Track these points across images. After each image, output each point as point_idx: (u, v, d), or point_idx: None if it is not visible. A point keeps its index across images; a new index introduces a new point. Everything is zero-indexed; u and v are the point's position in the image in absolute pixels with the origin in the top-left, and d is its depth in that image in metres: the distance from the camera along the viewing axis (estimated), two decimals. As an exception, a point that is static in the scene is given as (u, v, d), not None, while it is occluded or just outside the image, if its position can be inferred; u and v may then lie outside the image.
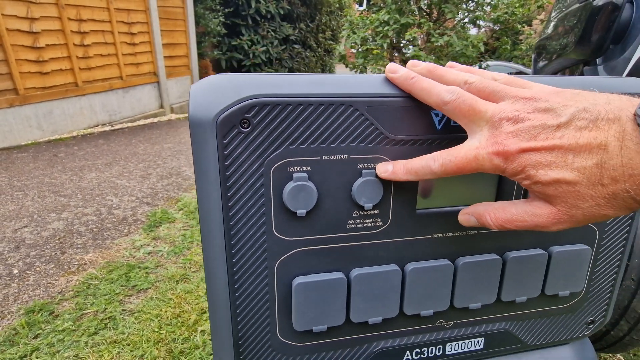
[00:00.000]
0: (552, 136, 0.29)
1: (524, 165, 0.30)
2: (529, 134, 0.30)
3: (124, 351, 1.18)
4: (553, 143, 0.29)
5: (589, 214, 0.30)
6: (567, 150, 0.28)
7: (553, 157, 0.29)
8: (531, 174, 0.30)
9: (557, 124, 0.29)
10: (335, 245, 0.42)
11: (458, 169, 0.33)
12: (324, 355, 0.48)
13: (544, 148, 0.29)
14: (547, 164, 0.29)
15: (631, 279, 0.74)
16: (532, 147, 0.29)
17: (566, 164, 0.28)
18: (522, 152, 0.30)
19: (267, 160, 0.38)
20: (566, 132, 0.29)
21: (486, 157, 0.31)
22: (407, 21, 5.98)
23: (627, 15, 1.18)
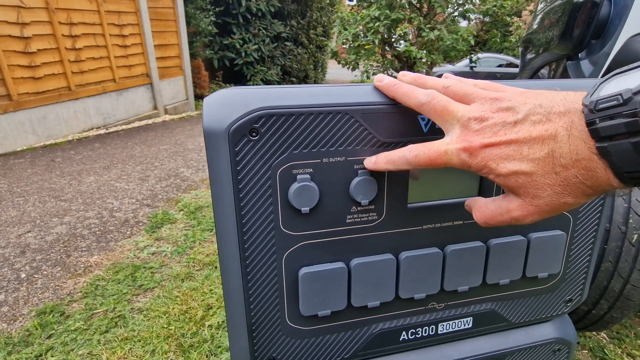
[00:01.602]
0: (510, 131, 0.31)
1: (486, 160, 0.32)
2: (491, 130, 0.32)
3: (135, 347, 1.23)
4: (510, 137, 0.31)
5: (552, 203, 0.31)
6: (522, 142, 0.31)
7: (510, 151, 0.31)
8: (492, 167, 0.32)
9: (514, 120, 0.32)
10: (336, 238, 0.47)
11: (430, 160, 0.36)
12: (329, 337, 0.52)
13: (503, 142, 0.31)
14: (505, 157, 0.31)
15: (609, 262, 0.80)
16: (492, 142, 0.32)
17: (522, 155, 0.31)
18: (484, 148, 0.32)
19: (274, 164, 0.42)
20: (522, 127, 0.31)
21: (454, 152, 0.34)
22: (398, 16, 6.00)
23: (606, 11, 1.23)
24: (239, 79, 8.09)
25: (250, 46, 7.58)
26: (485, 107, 0.34)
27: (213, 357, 1.20)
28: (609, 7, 1.23)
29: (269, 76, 8.05)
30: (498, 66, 9.65)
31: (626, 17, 1.15)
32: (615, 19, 1.20)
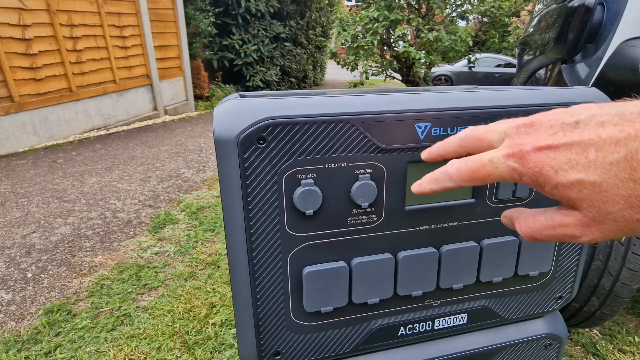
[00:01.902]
0: (571, 132, 0.26)
1: (541, 166, 0.26)
2: (546, 132, 0.27)
3: (141, 344, 1.26)
4: (571, 139, 0.26)
5: (623, 220, 0.25)
6: (587, 144, 0.25)
7: (572, 154, 0.25)
8: (549, 176, 0.26)
9: (575, 120, 0.27)
10: (338, 238, 0.49)
11: (472, 172, 0.31)
12: (331, 333, 0.55)
13: (562, 145, 0.26)
14: (566, 162, 0.26)
15: (599, 260, 0.83)
16: (549, 144, 0.26)
17: (588, 160, 0.25)
18: (539, 151, 0.27)
19: (280, 170, 0.45)
20: (587, 128, 0.26)
21: (501, 160, 0.29)
22: (397, 17, 6.02)
23: (599, 16, 1.26)
24: (238, 80, 8.11)
25: (249, 47, 7.60)
26: (533, 117, 0.29)
27: (217, 354, 1.23)
28: (602, 12, 1.26)
29: (268, 76, 8.07)
30: (496, 66, 9.67)
31: (618, 22, 1.18)
32: (608, 24, 1.23)
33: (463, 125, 0.49)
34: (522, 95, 0.52)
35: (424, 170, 0.50)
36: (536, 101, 0.51)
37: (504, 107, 0.50)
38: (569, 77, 1.37)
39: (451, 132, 0.49)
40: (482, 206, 0.54)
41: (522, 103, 0.51)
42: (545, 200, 0.56)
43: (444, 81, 10.18)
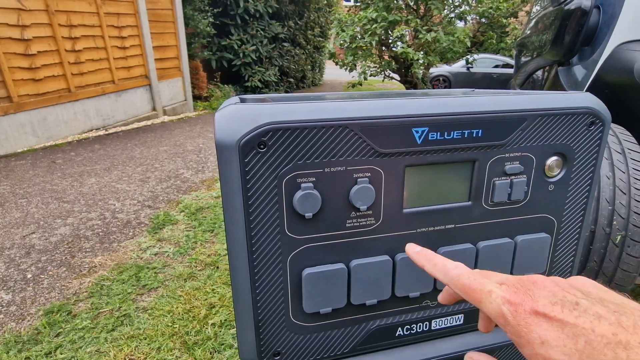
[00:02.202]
0: (569, 312, 0.26)
1: (531, 330, 0.27)
2: (546, 299, 0.27)
3: (141, 344, 1.26)
4: (568, 319, 0.26)
5: None
6: (580, 332, 0.25)
7: (563, 335, 0.25)
8: (534, 344, 0.27)
9: (576, 301, 0.27)
10: (337, 241, 0.50)
11: (468, 289, 0.32)
12: (330, 333, 0.56)
13: (558, 320, 0.26)
14: (555, 339, 0.26)
15: (594, 261, 0.84)
16: (547, 313, 0.27)
17: (575, 349, 0.25)
18: (534, 314, 0.27)
19: (280, 174, 0.46)
20: (585, 314, 0.26)
21: (498, 298, 0.29)
22: (395, 18, 6.03)
23: (595, 20, 1.28)
24: (237, 80, 8.11)
25: (248, 47, 7.60)
26: (535, 277, 0.30)
27: (217, 354, 1.23)
28: (598, 15, 1.28)
29: (267, 77, 8.07)
30: (494, 67, 9.69)
31: (614, 26, 1.19)
32: (604, 27, 1.24)
33: (460, 130, 0.50)
34: (518, 101, 0.53)
35: (422, 174, 0.51)
36: (532, 106, 0.52)
37: (500, 112, 0.51)
38: (566, 80, 1.39)
39: (448, 136, 0.50)
40: (479, 209, 0.55)
41: (518, 108, 0.52)
42: (538, 205, 0.57)
43: (442, 82, 10.20)
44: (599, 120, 0.54)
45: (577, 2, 1.29)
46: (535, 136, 0.53)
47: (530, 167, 0.55)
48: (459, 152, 0.51)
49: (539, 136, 0.53)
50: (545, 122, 0.53)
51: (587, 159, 0.56)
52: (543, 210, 0.58)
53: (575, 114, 0.53)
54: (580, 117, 0.54)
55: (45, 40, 4.18)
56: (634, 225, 0.80)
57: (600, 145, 0.56)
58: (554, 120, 0.53)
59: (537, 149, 0.54)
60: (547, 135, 0.53)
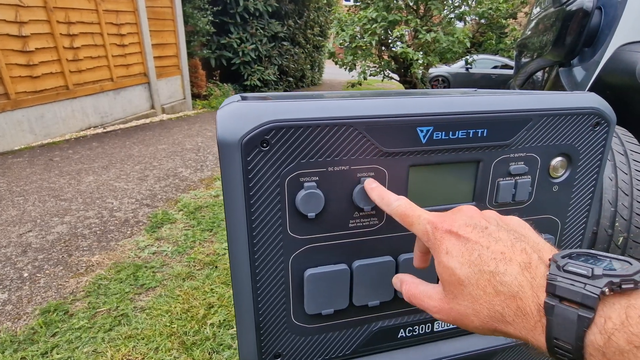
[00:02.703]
0: (475, 232, 0.32)
1: (441, 242, 0.33)
2: (462, 221, 0.33)
3: (139, 345, 1.25)
4: (471, 237, 0.31)
5: (463, 314, 0.31)
6: (476, 246, 0.30)
7: (463, 248, 0.31)
8: (441, 254, 0.32)
9: (485, 226, 0.32)
10: (339, 241, 0.50)
11: (404, 214, 0.39)
12: (331, 335, 0.55)
13: (463, 237, 0.32)
14: (456, 250, 0.31)
15: (596, 263, 0.84)
16: (456, 232, 0.32)
17: (469, 259, 0.30)
18: (447, 232, 0.33)
19: (283, 172, 0.45)
20: (486, 234, 0.31)
21: (423, 221, 0.36)
22: (395, 18, 6.04)
23: (596, 21, 1.28)
24: (236, 79, 8.09)
25: (247, 46, 7.59)
26: (463, 207, 0.37)
27: (215, 355, 1.23)
28: (600, 16, 1.27)
29: (266, 76, 8.06)
30: (493, 68, 9.71)
31: (615, 27, 1.19)
32: (606, 29, 1.24)
33: (464, 129, 0.49)
34: (524, 100, 0.53)
35: (426, 174, 0.51)
36: (537, 106, 0.52)
37: (505, 112, 0.51)
38: (567, 81, 1.39)
39: (453, 136, 0.49)
40: (483, 209, 0.54)
41: (523, 108, 0.51)
42: (543, 206, 0.57)
43: (441, 82, 10.21)
44: (604, 121, 0.54)
45: (579, 3, 1.29)
46: (540, 136, 0.53)
47: (535, 168, 0.54)
48: (463, 152, 0.50)
49: (544, 136, 0.53)
50: (550, 122, 0.52)
51: (592, 160, 0.56)
52: (547, 211, 0.57)
53: (580, 114, 0.53)
54: (586, 117, 0.53)
55: (43, 37, 4.15)
56: (636, 227, 0.80)
57: (605, 145, 0.56)
58: (559, 120, 0.52)
59: (542, 149, 0.53)
60: (552, 135, 0.53)
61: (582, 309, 0.25)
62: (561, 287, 0.26)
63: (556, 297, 0.26)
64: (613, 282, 0.24)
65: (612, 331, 0.23)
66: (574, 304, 0.25)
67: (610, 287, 0.24)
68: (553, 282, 0.26)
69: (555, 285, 0.26)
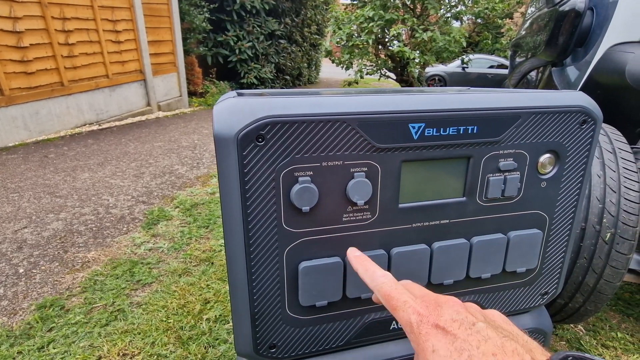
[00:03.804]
0: (463, 330, 0.30)
1: (427, 339, 0.31)
2: (449, 315, 0.31)
3: (135, 339, 1.26)
4: (459, 335, 0.29)
5: None
6: (466, 346, 0.29)
7: (452, 347, 0.29)
8: (427, 351, 0.30)
9: (473, 322, 0.31)
10: (333, 235, 0.51)
11: (388, 297, 0.36)
12: (325, 326, 0.56)
13: (451, 334, 0.30)
14: (444, 349, 0.29)
15: (584, 258, 0.86)
16: (444, 327, 0.30)
17: None
18: (434, 327, 0.31)
19: (278, 167, 0.46)
20: (475, 333, 0.29)
21: (410, 310, 0.33)
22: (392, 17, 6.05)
23: (588, 21, 1.30)
24: (232, 77, 8.07)
25: (244, 43, 7.56)
26: (448, 299, 0.34)
27: (211, 349, 1.24)
28: (592, 17, 1.29)
29: (263, 74, 8.04)
30: (489, 67, 9.75)
31: (607, 27, 1.21)
32: (597, 29, 1.26)
33: (455, 126, 0.51)
34: (513, 98, 0.54)
35: (418, 169, 0.52)
36: (526, 104, 0.53)
37: (495, 109, 0.52)
38: (559, 80, 1.41)
39: (444, 132, 0.51)
40: (473, 205, 0.56)
41: (512, 105, 0.53)
42: (531, 201, 0.58)
43: (438, 81, 10.24)
44: (590, 119, 0.55)
45: (571, 3, 1.31)
46: (528, 133, 0.54)
47: (524, 164, 0.56)
48: (454, 148, 0.52)
49: (532, 133, 0.54)
50: (538, 120, 0.54)
51: (579, 157, 0.57)
52: (535, 207, 0.59)
53: (567, 112, 0.54)
54: (573, 115, 0.55)
55: (37, 33, 4.12)
56: (623, 223, 0.82)
57: (591, 143, 0.57)
58: (547, 118, 0.54)
59: (531, 146, 0.55)
60: (540, 132, 0.54)
61: None
62: None
63: None
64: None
65: None
66: None
67: None
68: None
69: None
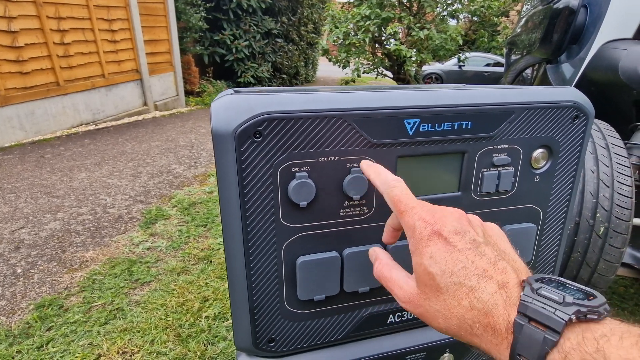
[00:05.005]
0: (462, 242, 0.31)
1: (427, 244, 0.32)
2: (452, 225, 0.33)
3: (135, 337, 1.27)
4: (458, 246, 0.31)
5: (431, 315, 0.32)
6: (461, 258, 0.30)
7: (448, 256, 0.31)
8: (425, 255, 0.32)
9: (472, 238, 0.32)
10: (330, 229, 0.51)
11: (398, 201, 0.37)
12: (323, 320, 0.57)
13: (450, 245, 0.31)
14: (440, 256, 0.31)
15: (578, 252, 0.87)
16: (445, 238, 0.32)
17: (452, 269, 0.30)
18: (436, 235, 0.32)
19: (275, 163, 0.47)
20: (473, 247, 0.31)
21: (416, 216, 0.34)
22: (388, 15, 6.06)
23: (582, 19, 1.31)
24: (229, 76, 8.05)
25: (240, 42, 7.55)
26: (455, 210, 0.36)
27: (211, 346, 1.24)
28: (585, 14, 1.31)
29: (260, 73, 8.03)
30: (486, 65, 9.78)
31: (600, 25, 1.22)
32: (591, 26, 1.27)
33: (450, 121, 0.51)
34: (506, 94, 0.55)
35: (413, 165, 0.53)
36: (519, 99, 0.54)
37: (488, 105, 0.53)
38: (554, 77, 1.42)
39: (439, 128, 0.51)
40: (468, 199, 0.56)
41: (506, 101, 0.54)
42: (525, 196, 0.59)
43: (435, 79, 10.26)
44: (582, 114, 0.56)
45: (565, 1, 1.32)
46: (522, 129, 0.55)
47: (518, 159, 0.56)
48: (449, 144, 0.52)
49: (525, 129, 0.55)
50: (531, 115, 0.54)
51: (572, 151, 0.58)
52: (529, 201, 0.60)
53: (560, 108, 0.55)
54: (565, 110, 0.56)
55: (32, 33, 4.10)
56: (616, 217, 0.83)
57: (584, 137, 0.58)
58: (540, 113, 0.55)
59: (524, 141, 0.56)
60: (533, 127, 0.55)
61: (549, 331, 0.26)
62: (533, 309, 0.27)
63: (526, 317, 0.27)
64: (581, 310, 0.26)
65: (568, 350, 0.25)
66: (542, 325, 0.26)
67: (577, 315, 0.26)
68: (526, 303, 0.27)
69: (527, 306, 0.27)
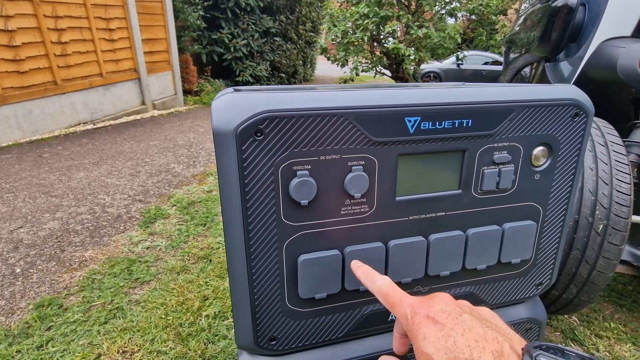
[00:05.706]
0: (451, 319, 0.33)
1: (419, 327, 0.34)
2: (439, 306, 0.35)
3: (135, 337, 1.26)
4: (447, 323, 0.33)
5: None
6: (452, 334, 0.32)
7: (440, 334, 0.32)
8: (419, 339, 0.33)
9: (460, 313, 0.34)
10: (331, 228, 0.51)
11: (387, 295, 0.40)
12: (324, 318, 0.57)
13: (440, 323, 0.33)
14: (433, 336, 0.32)
15: (577, 250, 0.88)
16: (434, 318, 0.34)
17: (445, 346, 0.31)
18: (426, 318, 0.34)
19: (276, 161, 0.47)
20: (461, 321, 0.33)
21: (405, 305, 0.37)
22: (387, 14, 6.05)
23: (581, 17, 1.31)
24: (227, 75, 8.03)
25: (239, 41, 7.53)
26: (439, 294, 0.39)
27: (211, 345, 1.24)
28: (584, 12, 1.31)
29: (258, 72, 8.01)
30: (484, 64, 9.79)
31: (599, 23, 1.22)
32: (589, 25, 1.27)
33: (451, 119, 0.52)
34: (507, 92, 0.55)
35: (414, 163, 0.53)
36: (520, 97, 0.54)
37: (489, 103, 0.53)
38: (552, 75, 1.42)
39: (439, 126, 0.51)
40: (468, 197, 0.57)
41: (506, 99, 0.54)
42: (525, 194, 0.59)
43: (433, 78, 10.26)
44: (582, 112, 0.57)
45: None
46: (522, 127, 0.55)
47: (518, 157, 0.57)
48: (449, 142, 0.53)
49: (526, 127, 0.55)
50: (532, 113, 0.55)
51: (572, 149, 0.59)
52: (529, 199, 0.60)
53: (560, 105, 0.55)
54: (565, 108, 0.56)
55: (30, 32, 4.08)
56: (615, 215, 0.84)
57: (584, 135, 0.58)
58: (540, 111, 0.55)
59: (524, 139, 0.56)
60: (533, 125, 0.55)
61: None
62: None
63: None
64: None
65: None
66: None
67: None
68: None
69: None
